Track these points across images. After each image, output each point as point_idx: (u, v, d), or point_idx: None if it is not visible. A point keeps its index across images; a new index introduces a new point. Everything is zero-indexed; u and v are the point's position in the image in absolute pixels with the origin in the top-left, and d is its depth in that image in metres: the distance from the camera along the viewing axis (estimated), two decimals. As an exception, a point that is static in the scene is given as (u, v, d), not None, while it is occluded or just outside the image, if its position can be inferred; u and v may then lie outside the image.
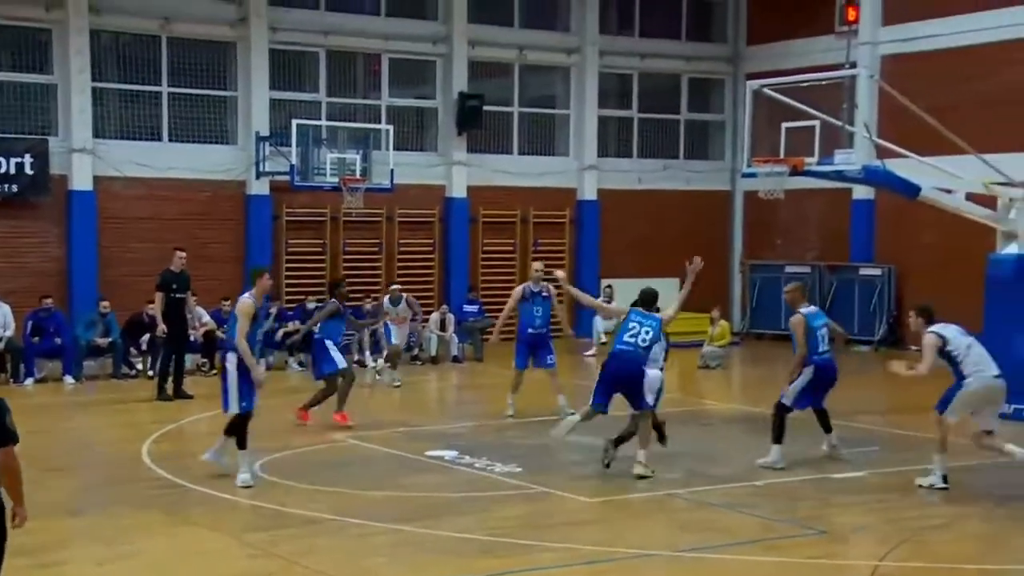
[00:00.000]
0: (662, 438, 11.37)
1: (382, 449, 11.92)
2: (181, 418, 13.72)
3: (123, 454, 11.63)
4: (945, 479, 10.25)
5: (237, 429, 10.15)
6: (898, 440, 12.68)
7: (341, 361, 13.20)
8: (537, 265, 14.52)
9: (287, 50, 20.61)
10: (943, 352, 10.23)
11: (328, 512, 9.23)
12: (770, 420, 11.20)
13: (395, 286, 17.53)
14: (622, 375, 10.66)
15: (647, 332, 10.77)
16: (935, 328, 10.41)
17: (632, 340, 10.73)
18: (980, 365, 10.26)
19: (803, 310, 11.28)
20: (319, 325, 13.37)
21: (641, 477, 10.40)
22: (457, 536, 8.65)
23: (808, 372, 11.11)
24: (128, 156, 19.20)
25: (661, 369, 11.13)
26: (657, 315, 10.98)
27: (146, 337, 17.15)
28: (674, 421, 13.63)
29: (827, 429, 11.57)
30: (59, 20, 18.60)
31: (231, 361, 10.06)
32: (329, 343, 13.18)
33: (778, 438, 11.10)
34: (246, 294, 10.39)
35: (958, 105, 19.75)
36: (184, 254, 15.54)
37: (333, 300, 13.55)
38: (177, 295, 15.14)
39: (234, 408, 10.13)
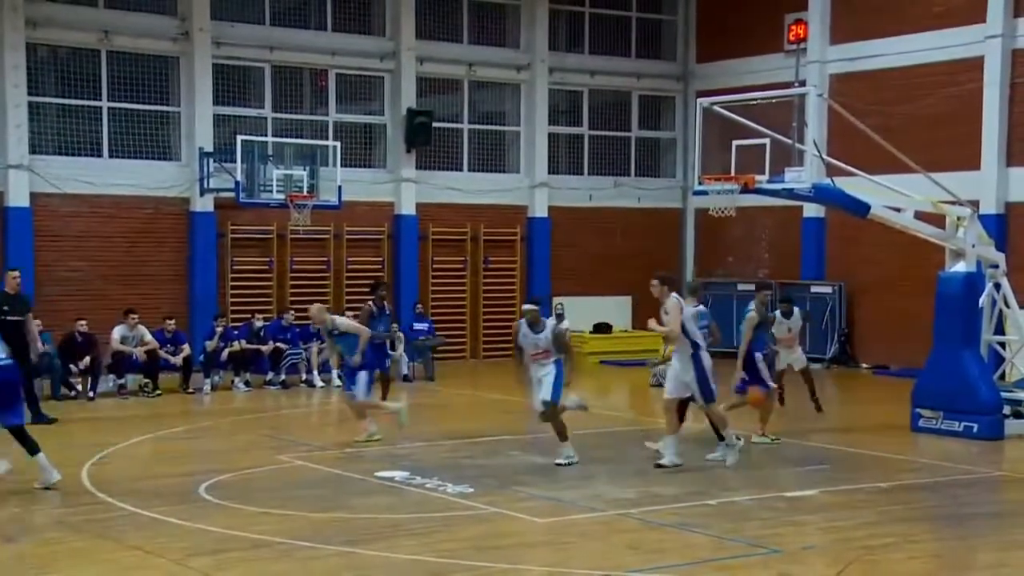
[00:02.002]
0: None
1: (330, 470, 11.86)
2: (122, 440, 13.56)
3: (63, 477, 11.45)
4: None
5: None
6: (849, 459, 12.85)
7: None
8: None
9: (232, 65, 20.53)
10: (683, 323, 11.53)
11: (276, 535, 9.16)
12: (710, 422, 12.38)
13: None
14: None
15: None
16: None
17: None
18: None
19: (691, 308, 12.25)
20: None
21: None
22: (408, 559, 8.64)
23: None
24: (67, 172, 19.00)
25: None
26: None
27: (87, 359, 16.96)
28: (625, 440, 13.75)
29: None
30: (-5, 33, 18.41)
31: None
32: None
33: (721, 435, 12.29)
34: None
35: (906, 124, 20.18)
36: (17, 274, 15.09)
37: (369, 303, 15.25)
38: (9, 317, 14.71)
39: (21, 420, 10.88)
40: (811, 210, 22.15)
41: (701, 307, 12.65)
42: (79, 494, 10.74)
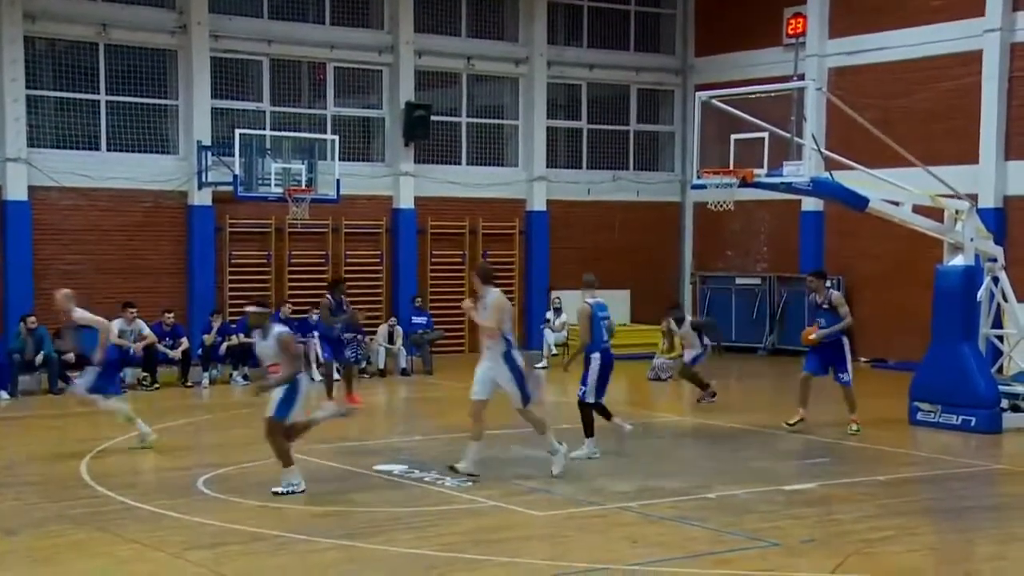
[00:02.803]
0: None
1: (329, 464, 11.86)
2: (121, 434, 13.54)
3: (61, 471, 11.46)
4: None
5: None
6: (849, 452, 12.85)
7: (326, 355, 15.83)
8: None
9: (229, 58, 20.50)
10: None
11: (274, 528, 9.16)
12: (582, 418, 12.03)
13: None
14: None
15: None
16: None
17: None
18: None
19: (589, 300, 12.07)
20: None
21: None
22: (406, 552, 8.63)
23: (596, 359, 11.93)
24: (65, 166, 18.97)
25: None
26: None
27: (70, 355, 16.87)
28: (623, 434, 13.73)
29: (608, 416, 12.27)
30: (-7, 27, 18.36)
31: None
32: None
33: (590, 432, 12.04)
34: None
35: (904, 117, 20.17)
36: None
37: (327, 297, 15.50)
38: None
39: None
40: (809, 204, 22.15)
41: (600, 300, 12.17)
42: (78, 487, 10.73)
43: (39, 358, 16.84)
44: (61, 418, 14.79)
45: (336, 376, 15.85)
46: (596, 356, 11.99)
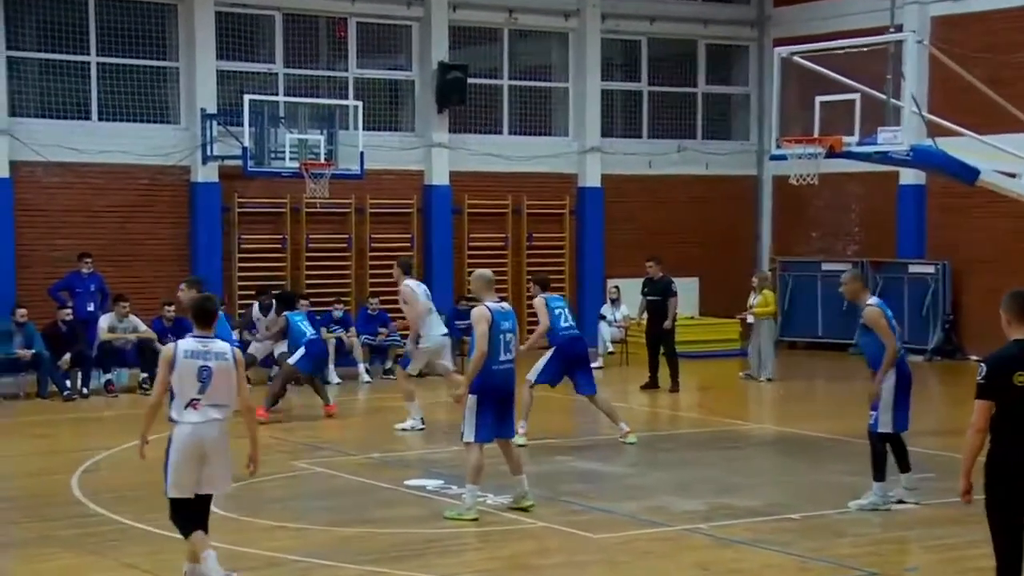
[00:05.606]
0: None
1: (353, 478, 11.93)
2: (116, 444, 13.67)
3: (50, 485, 11.61)
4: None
5: None
6: (957, 465, 12.69)
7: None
8: None
9: (237, 13, 20.60)
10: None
11: (291, 552, 9.24)
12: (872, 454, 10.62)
13: None
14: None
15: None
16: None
17: (569, 323, 13.67)
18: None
19: (871, 301, 10.70)
20: None
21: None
22: (442, 579, 8.67)
23: (892, 377, 10.46)
24: (51, 138, 19.16)
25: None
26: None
27: (67, 355, 17.01)
28: (695, 443, 13.69)
29: (904, 466, 10.79)
30: (-32, -20, 18.59)
31: None
32: None
33: (879, 474, 10.55)
34: None
35: (1021, 74, 19.87)
36: None
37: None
38: None
39: None
40: (909, 176, 21.97)
41: (880, 297, 11.17)
42: (69, 504, 10.85)
43: (28, 355, 16.91)
44: (50, 425, 14.96)
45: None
46: (890, 372, 10.44)
